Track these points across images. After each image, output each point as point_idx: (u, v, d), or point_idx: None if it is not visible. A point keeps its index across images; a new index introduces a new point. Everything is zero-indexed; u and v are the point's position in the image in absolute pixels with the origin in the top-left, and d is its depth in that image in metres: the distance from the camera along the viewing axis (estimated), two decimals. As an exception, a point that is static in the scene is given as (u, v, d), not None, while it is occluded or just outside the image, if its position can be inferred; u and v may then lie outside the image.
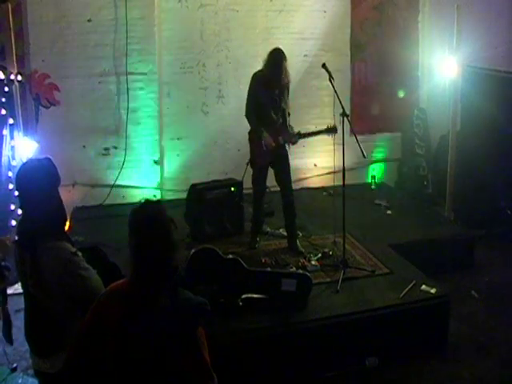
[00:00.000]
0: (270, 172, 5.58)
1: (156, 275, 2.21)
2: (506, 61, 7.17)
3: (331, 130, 5.30)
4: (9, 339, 3.72)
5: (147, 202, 2.31)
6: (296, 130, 5.46)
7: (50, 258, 2.63)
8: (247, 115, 5.40)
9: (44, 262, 2.63)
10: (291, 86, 5.40)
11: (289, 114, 5.46)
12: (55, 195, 2.76)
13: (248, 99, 5.39)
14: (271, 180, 5.65)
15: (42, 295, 2.67)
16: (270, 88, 5.29)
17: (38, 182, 2.66)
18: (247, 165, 5.54)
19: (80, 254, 2.73)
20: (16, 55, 5.85)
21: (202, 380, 2.23)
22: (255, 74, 5.36)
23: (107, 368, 2.21)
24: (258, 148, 5.34)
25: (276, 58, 5.16)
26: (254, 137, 5.41)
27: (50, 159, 2.82)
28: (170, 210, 2.35)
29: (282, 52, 5.19)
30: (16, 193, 2.83)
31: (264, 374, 4.13)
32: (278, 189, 5.65)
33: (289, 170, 5.55)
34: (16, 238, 2.80)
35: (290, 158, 5.56)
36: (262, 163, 5.42)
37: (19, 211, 4.05)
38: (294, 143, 5.44)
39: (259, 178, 5.51)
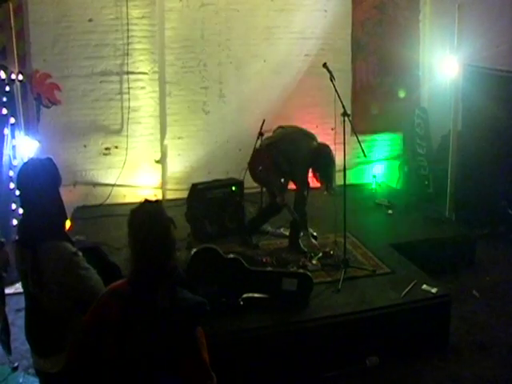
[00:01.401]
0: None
1: (155, 275, 2.22)
2: (507, 60, 7.15)
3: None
4: (7, 348, 3.72)
5: (146, 201, 2.31)
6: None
7: (51, 258, 2.63)
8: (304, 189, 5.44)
9: (44, 262, 2.63)
10: (292, 86, 5.40)
11: None
12: (56, 195, 2.76)
13: (304, 172, 5.39)
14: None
15: (43, 295, 2.67)
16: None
17: (38, 182, 2.67)
18: (248, 165, 5.57)
19: (80, 253, 2.73)
20: (17, 55, 5.85)
21: (201, 379, 2.23)
22: (309, 150, 5.30)
23: (107, 367, 2.21)
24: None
25: (333, 162, 5.22)
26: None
27: (51, 159, 2.82)
28: (171, 209, 2.37)
29: None
30: (17, 192, 2.84)
31: (264, 373, 4.13)
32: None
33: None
34: (16, 237, 2.81)
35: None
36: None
37: (20, 211, 4.05)
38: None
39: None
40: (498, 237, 6.74)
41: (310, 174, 5.46)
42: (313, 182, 5.61)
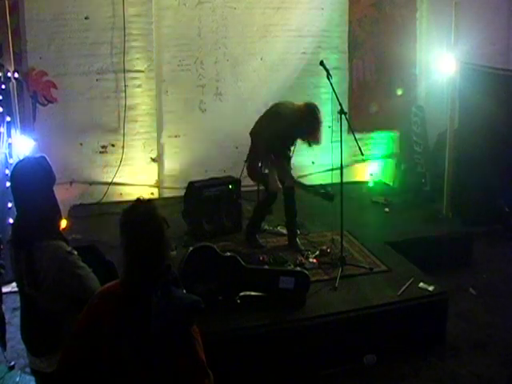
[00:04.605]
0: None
1: (148, 275, 2.20)
2: (503, 58, 7.18)
3: (327, 197, 5.39)
4: (2, 343, 3.70)
5: (138, 201, 2.29)
6: None
7: (46, 257, 2.61)
8: (273, 150, 5.32)
9: (39, 262, 2.61)
10: (289, 84, 5.39)
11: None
12: (50, 194, 2.75)
13: (277, 138, 5.25)
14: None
15: (38, 294, 2.66)
16: (295, 137, 5.35)
17: (32, 181, 2.65)
18: (245, 162, 5.55)
19: (75, 252, 2.72)
20: (13, 53, 5.85)
21: (198, 378, 2.22)
22: (287, 116, 5.24)
23: (101, 368, 2.20)
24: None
25: (319, 121, 5.19)
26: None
27: (45, 157, 2.80)
28: (167, 207, 2.36)
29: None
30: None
31: (261, 371, 4.13)
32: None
33: (289, 168, 5.57)
34: (11, 236, 2.79)
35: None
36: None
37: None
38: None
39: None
40: (494, 235, 6.76)
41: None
42: (309, 180, 5.61)
